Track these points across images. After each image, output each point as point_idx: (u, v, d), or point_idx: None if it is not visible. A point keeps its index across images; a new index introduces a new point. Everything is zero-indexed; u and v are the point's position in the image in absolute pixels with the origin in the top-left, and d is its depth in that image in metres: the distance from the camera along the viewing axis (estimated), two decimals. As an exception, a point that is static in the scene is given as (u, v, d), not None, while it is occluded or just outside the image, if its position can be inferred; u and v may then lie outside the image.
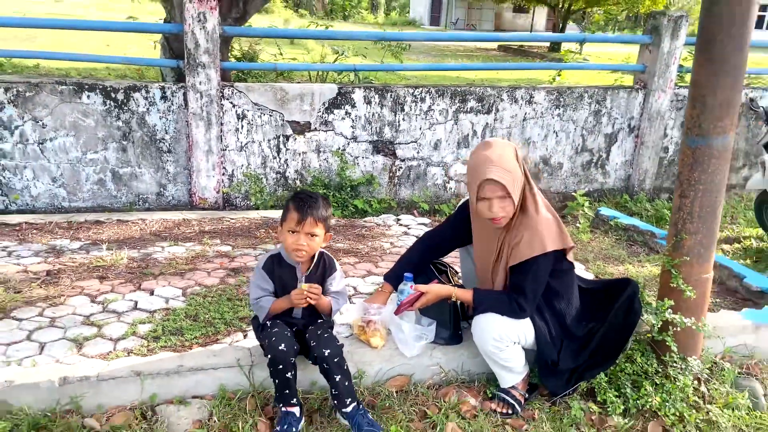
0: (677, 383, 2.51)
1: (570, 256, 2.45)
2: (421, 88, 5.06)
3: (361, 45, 7.84)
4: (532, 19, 41.74)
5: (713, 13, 2.28)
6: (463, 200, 2.67)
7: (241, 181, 4.92)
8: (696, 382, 2.58)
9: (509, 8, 45.69)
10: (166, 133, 4.68)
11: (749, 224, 5.13)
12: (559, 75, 5.98)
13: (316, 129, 4.96)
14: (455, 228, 2.62)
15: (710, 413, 2.48)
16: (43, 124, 4.43)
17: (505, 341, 2.36)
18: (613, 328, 2.54)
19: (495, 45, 26.20)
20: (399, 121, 5.07)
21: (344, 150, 5.04)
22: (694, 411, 2.49)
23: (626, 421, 2.46)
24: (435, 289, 2.45)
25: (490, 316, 2.36)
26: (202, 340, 2.67)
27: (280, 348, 2.22)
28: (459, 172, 5.29)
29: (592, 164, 5.60)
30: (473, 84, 5.37)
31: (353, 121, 5.00)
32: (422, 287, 2.43)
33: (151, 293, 3.06)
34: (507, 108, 5.24)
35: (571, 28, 33.73)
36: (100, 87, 4.49)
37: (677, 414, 2.46)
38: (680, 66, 5.49)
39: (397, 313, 2.48)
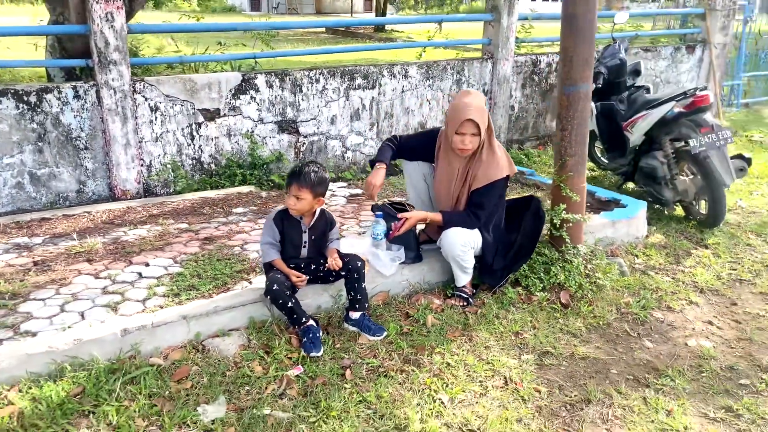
0: (573, 263, 3.54)
1: (508, 181, 3.36)
2: (315, 70, 5.71)
3: (218, 35, 8.21)
4: (352, 1, 43.11)
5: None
6: (433, 128, 3.48)
7: (160, 170, 5.24)
8: (584, 262, 3.62)
9: (328, -10, 46.60)
10: (82, 130, 4.87)
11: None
12: (424, 51, 6.94)
13: (225, 115, 5.40)
14: (423, 145, 3.42)
15: (597, 280, 3.54)
16: (-46, 132, 4.43)
17: (468, 246, 3.20)
18: (527, 232, 3.49)
19: (323, 28, 26.89)
20: (299, 102, 5.68)
21: (253, 132, 5.55)
22: (586, 280, 3.53)
23: (545, 294, 3.44)
24: (414, 215, 3.22)
25: (456, 228, 3.19)
26: (216, 291, 3.18)
27: (273, 288, 2.85)
28: (355, 142, 6.03)
29: (459, 125, 6.64)
30: (359, 64, 6.11)
31: (258, 104, 5.51)
32: (405, 214, 3.19)
33: (147, 265, 3.46)
34: (388, 83, 6.07)
35: (389, 9, 35.51)
36: (12, 91, 4.57)
37: (577, 283, 3.48)
38: (516, 38, 6.68)
39: (389, 238, 3.22)
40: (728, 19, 8.44)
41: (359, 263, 3.00)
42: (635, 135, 4.98)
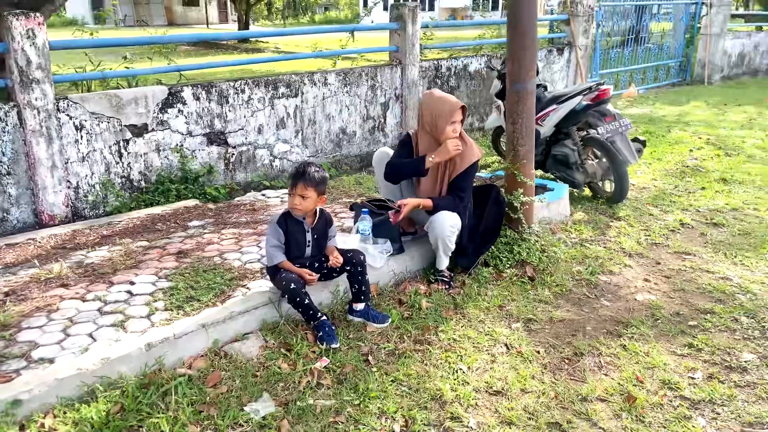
0: (531, 241, 3.97)
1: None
2: (240, 81, 5.74)
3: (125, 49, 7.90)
4: (207, 12, 42.03)
5: (517, 4, 3.68)
6: (404, 136, 3.73)
7: (88, 191, 5.01)
8: (538, 239, 4.07)
9: (179, 1, 45.18)
10: (3, 155, 4.55)
11: (489, 154, 7.05)
12: (339, 59, 7.16)
13: (153, 129, 5.28)
14: (405, 154, 3.65)
15: (552, 254, 4.00)
16: None
17: (455, 227, 3.51)
18: (490, 216, 3.86)
19: (184, 42, 26.06)
20: (226, 113, 5.68)
21: (182, 145, 5.46)
22: (544, 254, 3.98)
23: (513, 270, 3.83)
24: (410, 201, 3.48)
25: (445, 212, 3.48)
26: (217, 300, 3.20)
27: (291, 288, 3.00)
28: (282, 150, 6.13)
29: (375, 129, 6.96)
30: (282, 73, 6.20)
31: (186, 117, 5.44)
32: (402, 201, 3.44)
33: (131, 283, 3.38)
34: (309, 90, 6.23)
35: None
36: None
37: (537, 258, 3.92)
38: (421, 45, 7.13)
39: (394, 222, 3.44)
40: (588, 24, 9.53)
41: (361, 257, 3.19)
42: (546, 127, 5.57)
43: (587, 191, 5.58)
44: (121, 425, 2.40)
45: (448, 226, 3.49)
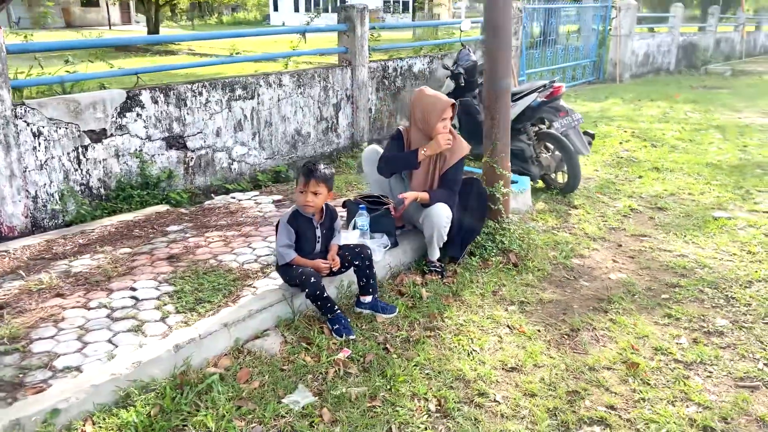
0: (510, 230, 4.21)
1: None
2: (197, 84, 5.66)
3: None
4: (108, 14, 40.21)
5: (494, 8, 3.90)
6: (394, 131, 3.86)
7: (47, 201, 4.80)
8: (516, 228, 4.32)
9: (77, 2, 43.07)
10: (-44, 164, 4.30)
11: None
12: (290, 60, 7.17)
13: (112, 135, 5.12)
14: (396, 149, 3.80)
15: (530, 242, 4.26)
16: None
17: (450, 218, 3.68)
18: (474, 209, 4.06)
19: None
20: (184, 116, 5.59)
21: (141, 150, 5.33)
22: (523, 241, 4.23)
23: (498, 258, 4.05)
24: (410, 195, 3.61)
25: (441, 204, 3.64)
26: (228, 301, 3.21)
27: (311, 282, 3.07)
28: (240, 153, 6.09)
29: (328, 130, 7.03)
30: (239, 75, 6.14)
31: (145, 121, 5.31)
32: (403, 195, 3.58)
33: (133, 290, 3.31)
34: (265, 92, 6.23)
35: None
36: None
37: (518, 245, 4.16)
38: (369, 46, 7.27)
39: (397, 216, 3.56)
40: (518, 26, 10.02)
41: (368, 251, 3.29)
42: (502, 123, 5.86)
43: (540, 183, 5.92)
44: (166, 426, 2.40)
45: (444, 217, 3.66)
